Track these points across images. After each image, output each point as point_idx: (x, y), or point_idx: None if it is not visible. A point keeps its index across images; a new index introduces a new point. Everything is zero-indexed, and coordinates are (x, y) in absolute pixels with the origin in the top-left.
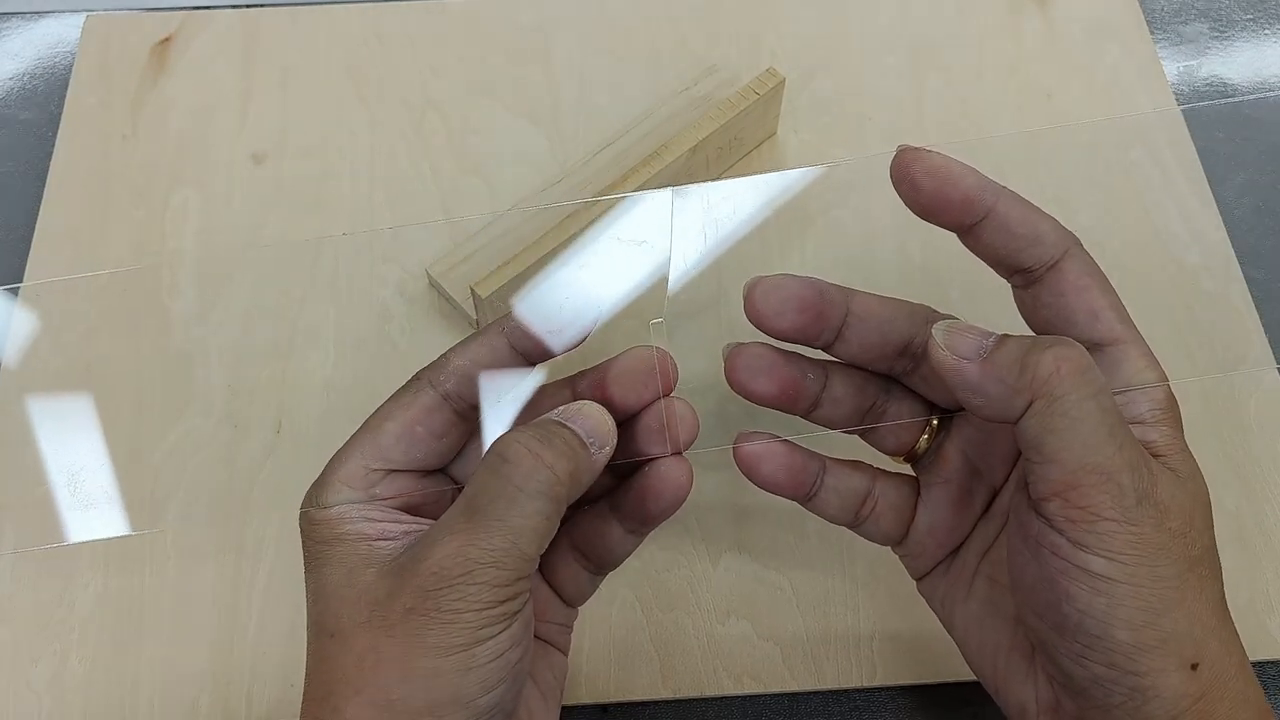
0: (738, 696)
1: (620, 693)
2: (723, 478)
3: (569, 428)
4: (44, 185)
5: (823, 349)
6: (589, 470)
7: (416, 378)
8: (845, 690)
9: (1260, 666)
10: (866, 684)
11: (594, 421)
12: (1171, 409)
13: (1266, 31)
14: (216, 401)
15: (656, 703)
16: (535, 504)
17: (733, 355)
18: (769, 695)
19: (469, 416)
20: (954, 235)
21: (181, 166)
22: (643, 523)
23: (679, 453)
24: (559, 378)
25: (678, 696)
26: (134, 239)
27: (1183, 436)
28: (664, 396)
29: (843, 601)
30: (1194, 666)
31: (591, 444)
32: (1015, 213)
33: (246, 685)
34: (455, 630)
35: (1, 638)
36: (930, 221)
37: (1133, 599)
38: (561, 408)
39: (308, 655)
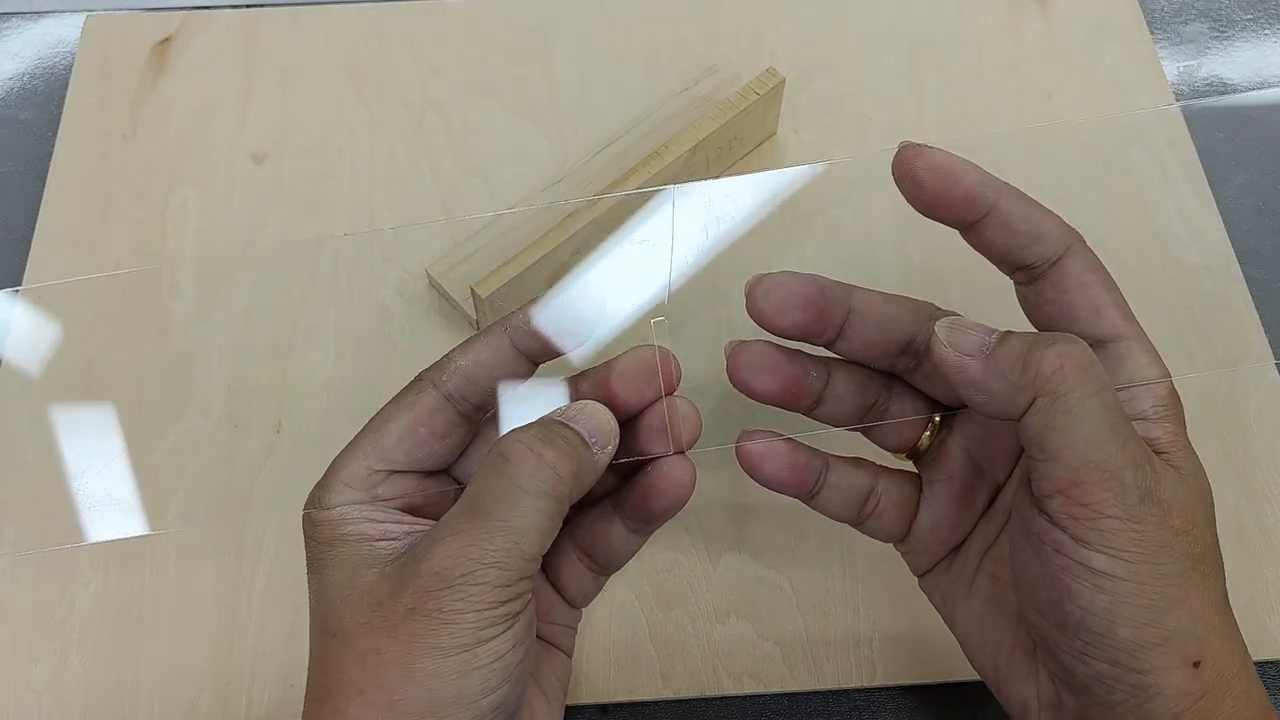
0: (738, 696)
1: (620, 693)
2: (723, 476)
3: (571, 427)
4: (44, 185)
5: (825, 346)
6: (591, 470)
7: (419, 379)
8: (845, 690)
9: (1261, 666)
10: (866, 684)
11: (596, 421)
12: (1175, 405)
13: (1266, 31)
14: (216, 401)
15: (656, 703)
16: (537, 504)
17: (735, 353)
18: (769, 695)
19: (472, 417)
20: (955, 234)
21: (181, 166)
22: (646, 522)
23: (682, 452)
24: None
25: (678, 696)
26: (134, 239)
27: (1186, 433)
28: (666, 395)
29: (843, 601)
30: (1196, 664)
31: (594, 443)
32: (1018, 209)
33: (246, 685)
34: (457, 631)
35: (1, 637)
36: (932, 218)
37: (1135, 596)
38: (563, 407)
39: (310, 656)
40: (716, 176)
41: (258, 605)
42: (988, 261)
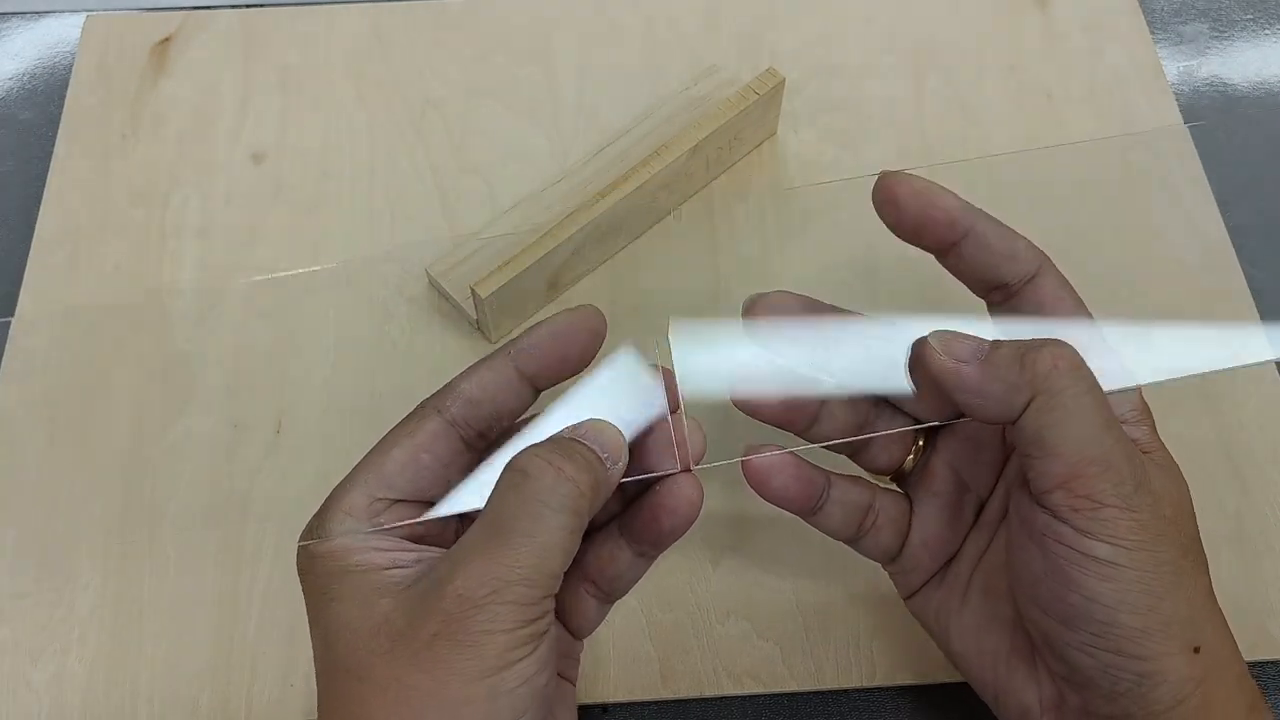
0: (738, 696)
1: (620, 693)
2: (722, 479)
3: (584, 443)
4: (44, 185)
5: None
6: (606, 485)
7: (422, 406)
8: (845, 690)
9: (1260, 666)
10: (866, 684)
11: (606, 436)
12: (1147, 411)
13: (1266, 31)
14: (216, 401)
15: (656, 703)
16: (560, 518)
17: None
18: (769, 695)
19: (475, 445)
20: None
21: (181, 166)
22: (655, 544)
23: (689, 469)
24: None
25: (678, 696)
26: (134, 239)
27: (1158, 435)
28: (672, 413)
29: (843, 601)
30: (1196, 650)
31: (606, 459)
32: (993, 230)
33: (246, 685)
34: (485, 654)
35: (1, 637)
36: (913, 242)
37: (1137, 583)
38: (572, 425)
39: (319, 697)
40: (716, 177)
41: (257, 605)
42: None
